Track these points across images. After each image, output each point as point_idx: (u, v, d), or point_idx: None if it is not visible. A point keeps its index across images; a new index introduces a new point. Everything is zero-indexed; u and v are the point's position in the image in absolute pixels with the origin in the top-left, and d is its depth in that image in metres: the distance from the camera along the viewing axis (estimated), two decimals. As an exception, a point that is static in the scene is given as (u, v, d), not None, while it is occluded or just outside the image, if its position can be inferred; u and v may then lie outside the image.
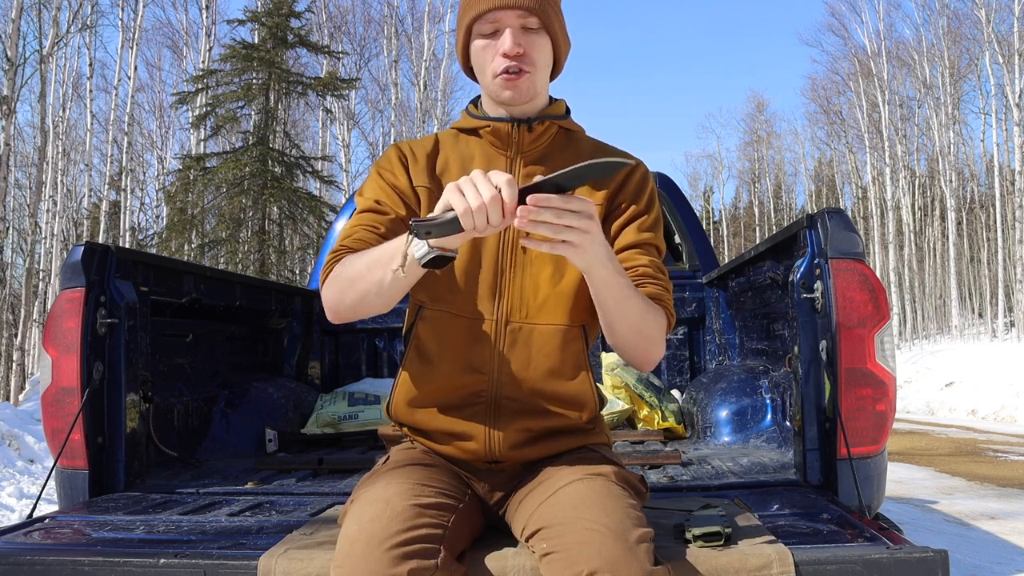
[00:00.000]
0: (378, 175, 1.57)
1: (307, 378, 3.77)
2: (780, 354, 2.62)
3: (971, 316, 26.16)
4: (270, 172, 13.55)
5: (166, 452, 2.51)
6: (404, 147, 1.61)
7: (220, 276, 3.05)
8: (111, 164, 18.21)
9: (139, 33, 18.30)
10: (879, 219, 27.56)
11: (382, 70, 24.84)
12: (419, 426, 1.55)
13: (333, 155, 22.28)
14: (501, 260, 1.50)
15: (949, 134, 24.45)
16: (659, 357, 1.50)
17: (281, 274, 14.81)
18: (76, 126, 21.29)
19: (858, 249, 2.00)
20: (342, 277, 1.44)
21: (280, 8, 14.01)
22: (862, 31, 27.52)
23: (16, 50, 11.93)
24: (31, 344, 17.37)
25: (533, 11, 1.46)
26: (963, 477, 6.44)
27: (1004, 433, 10.06)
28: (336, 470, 2.49)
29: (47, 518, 1.87)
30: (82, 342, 2.07)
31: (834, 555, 1.41)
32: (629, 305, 1.38)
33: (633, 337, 1.43)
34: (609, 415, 3.16)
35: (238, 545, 1.57)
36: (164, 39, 24.84)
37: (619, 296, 1.36)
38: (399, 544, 1.23)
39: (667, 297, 1.51)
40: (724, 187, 57.68)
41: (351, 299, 1.43)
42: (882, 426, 1.96)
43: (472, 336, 1.49)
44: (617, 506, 1.32)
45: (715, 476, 2.17)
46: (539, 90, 1.53)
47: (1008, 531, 4.45)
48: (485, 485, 1.54)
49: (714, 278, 3.51)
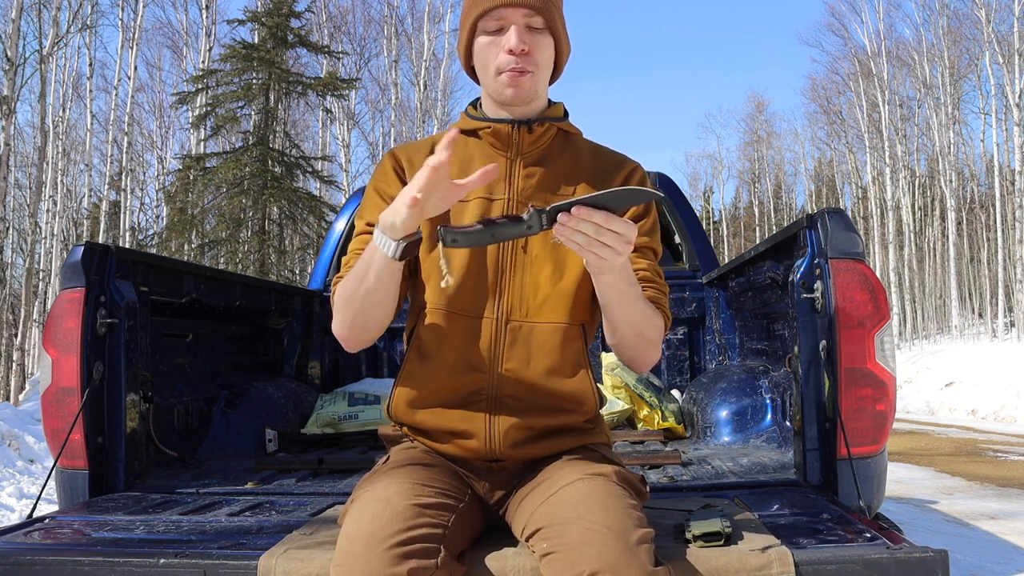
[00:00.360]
0: (374, 191, 1.59)
1: (307, 378, 3.77)
2: (780, 354, 2.62)
3: (971, 316, 26.17)
4: (270, 172, 13.55)
5: (166, 452, 2.51)
6: (399, 154, 1.61)
7: (220, 276, 3.05)
8: (111, 164, 18.21)
9: (139, 33, 18.31)
10: (879, 219, 27.56)
11: (382, 70, 24.86)
12: (419, 425, 1.55)
13: (333, 155, 22.29)
14: (501, 259, 1.51)
15: (949, 134, 24.46)
16: (655, 359, 1.54)
17: (281, 274, 14.82)
18: (76, 126, 21.31)
19: (858, 249, 2.00)
20: (340, 303, 1.49)
21: (280, 8, 14.01)
22: (862, 31, 27.55)
23: (16, 50, 11.94)
24: (31, 344, 17.37)
25: (539, 10, 1.48)
26: (963, 477, 6.44)
27: (1004, 433, 10.06)
28: (336, 470, 2.49)
29: (47, 518, 1.87)
30: (82, 342, 2.07)
31: (834, 555, 1.41)
32: (634, 310, 1.42)
33: (633, 339, 1.47)
34: (609, 415, 3.16)
35: (238, 545, 1.57)
36: (164, 39, 24.87)
37: (625, 302, 1.40)
38: (399, 544, 1.23)
39: (664, 300, 1.55)
40: (724, 187, 57.74)
41: (360, 323, 1.47)
42: (882, 426, 1.96)
43: (472, 335, 1.50)
44: (618, 506, 1.32)
45: (715, 476, 2.17)
46: (540, 91, 1.54)
47: (1008, 531, 4.45)
48: (485, 484, 1.54)
49: (714, 278, 3.50)
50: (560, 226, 1.23)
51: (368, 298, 1.42)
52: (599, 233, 1.23)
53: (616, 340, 1.48)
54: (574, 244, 1.25)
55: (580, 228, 1.22)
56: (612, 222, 1.23)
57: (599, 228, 1.22)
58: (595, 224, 1.22)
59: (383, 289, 1.41)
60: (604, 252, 1.25)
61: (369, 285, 1.40)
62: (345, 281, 1.47)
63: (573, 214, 1.22)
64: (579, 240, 1.24)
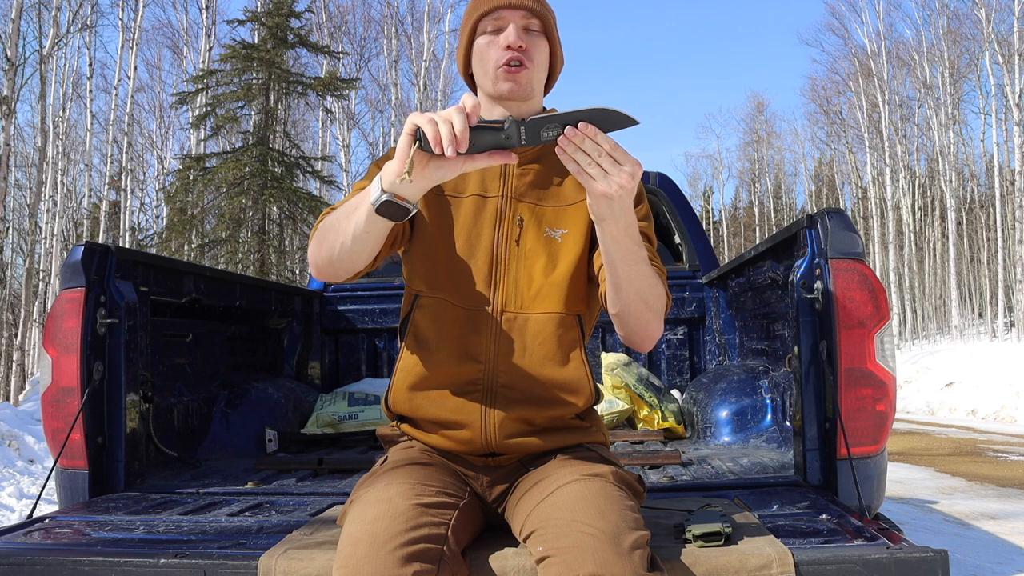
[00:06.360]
0: (376, 167, 1.59)
1: (307, 378, 3.77)
2: (780, 354, 2.62)
3: (971, 316, 26.16)
4: (270, 172, 13.54)
5: (166, 452, 2.51)
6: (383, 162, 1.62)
7: (220, 276, 3.05)
8: (111, 164, 18.18)
9: (139, 33, 18.30)
10: (879, 219, 27.55)
11: (382, 70, 24.85)
12: (417, 414, 1.56)
13: (333, 155, 22.28)
14: (496, 251, 1.53)
15: (949, 134, 24.45)
16: (658, 335, 1.51)
17: (281, 274, 14.80)
18: (76, 126, 21.30)
19: (858, 249, 2.00)
20: (321, 229, 1.48)
21: (280, 8, 14.00)
22: (862, 31, 27.53)
23: (16, 50, 11.93)
24: (31, 344, 17.37)
25: (536, 13, 1.53)
26: (963, 477, 6.44)
27: (1004, 433, 10.06)
28: (336, 470, 2.50)
29: (47, 518, 1.87)
30: (82, 342, 2.07)
31: (834, 555, 1.41)
32: (639, 271, 1.38)
33: (638, 306, 1.43)
34: (609, 415, 3.16)
35: (238, 545, 1.57)
36: (164, 39, 24.89)
37: (630, 260, 1.36)
38: (403, 544, 1.24)
39: (664, 279, 1.52)
40: (724, 187, 57.63)
41: (327, 249, 1.45)
42: (882, 426, 1.96)
43: (469, 325, 1.52)
44: (613, 508, 1.32)
45: (715, 476, 2.17)
46: (536, 90, 1.56)
47: (1008, 531, 4.45)
48: (483, 482, 1.55)
49: (714, 278, 3.50)
50: (565, 140, 1.22)
51: (347, 234, 1.39)
52: (600, 155, 1.22)
53: (620, 308, 1.44)
54: (573, 165, 1.24)
55: (584, 147, 1.22)
56: (616, 149, 1.22)
57: (600, 150, 1.22)
58: (598, 146, 1.21)
59: (362, 233, 1.37)
60: (600, 179, 1.23)
61: (358, 223, 1.36)
62: (334, 211, 1.47)
63: (580, 130, 1.21)
64: (580, 159, 1.23)
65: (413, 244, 1.57)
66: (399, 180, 1.25)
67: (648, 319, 1.45)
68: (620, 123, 1.24)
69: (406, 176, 1.24)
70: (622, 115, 1.23)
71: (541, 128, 1.23)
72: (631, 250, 1.35)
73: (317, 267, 1.50)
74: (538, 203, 1.55)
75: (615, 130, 1.24)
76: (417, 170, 1.25)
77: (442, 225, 1.55)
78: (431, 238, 1.55)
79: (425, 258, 1.56)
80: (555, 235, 1.54)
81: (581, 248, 1.54)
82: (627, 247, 1.34)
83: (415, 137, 1.23)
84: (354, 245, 1.39)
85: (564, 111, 1.24)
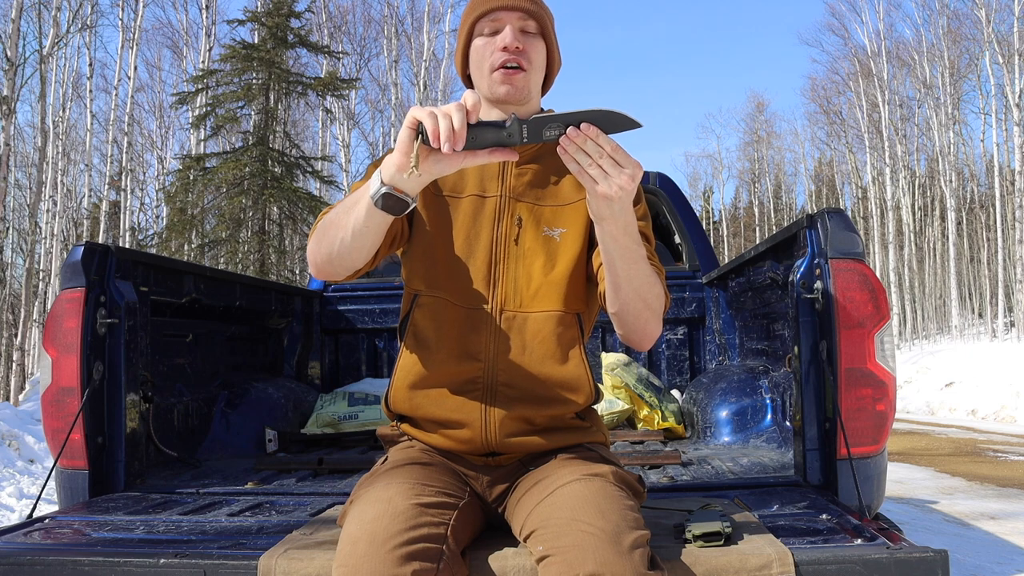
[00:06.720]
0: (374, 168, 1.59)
1: (307, 378, 3.77)
2: (780, 354, 2.62)
3: (971, 316, 26.16)
4: (270, 172, 13.54)
5: (166, 452, 2.51)
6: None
7: (220, 276, 3.05)
8: (111, 164, 18.18)
9: (139, 33, 18.30)
10: (879, 219, 27.55)
11: (382, 70, 24.86)
12: (417, 413, 1.56)
13: (333, 155, 22.28)
14: (495, 251, 1.54)
15: (949, 134, 24.45)
16: (657, 333, 1.51)
17: (281, 274, 14.80)
18: (76, 126, 21.30)
19: (858, 249, 2.00)
20: (321, 226, 1.47)
21: (280, 8, 14.00)
22: (862, 31, 27.53)
23: (16, 50, 11.93)
24: (31, 344, 17.37)
25: (533, 15, 1.53)
26: (963, 477, 6.44)
27: (1004, 433, 10.06)
28: (336, 470, 2.50)
29: (47, 518, 1.87)
30: (82, 342, 2.07)
31: (834, 555, 1.41)
32: (637, 269, 1.39)
33: (636, 304, 1.43)
34: (609, 415, 3.16)
35: (238, 545, 1.57)
36: (164, 39, 24.89)
37: (629, 258, 1.36)
38: (403, 544, 1.24)
39: (663, 279, 1.52)
40: (724, 187, 57.61)
41: (326, 246, 1.44)
42: (882, 426, 1.96)
43: (468, 324, 1.52)
44: (614, 508, 1.32)
45: (715, 476, 2.17)
46: (533, 92, 1.57)
47: (1008, 531, 4.45)
48: (483, 482, 1.55)
49: (714, 278, 3.50)
50: (566, 140, 1.22)
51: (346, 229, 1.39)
52: (601, 157, 1.22)
53: (618, 307, 1.44)
54: (574, 165, 1.24)
55: (585, 147, 1.22)
56: (617, 151, 1.23)
57: (602, 151, 1.22)
58: (600, 147, 1.22)
59: (362, 228, 1.36)
60: (601, 180, 1.23)
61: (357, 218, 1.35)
62: (333, 209, 1.47)
63: (582, 131, 1.21)
64: (581, 160, 1.23)
65: (412, 244, 1.58)
66: (406, 174, 1.25)
67: (647, 318, 1.46)
68: (623, 125, 1.24)
69: (413, 170, 1.24)
70: (625, 117, 1.24)
71: (544, 127, 1.24)
72: (630, 249, 1.35)
73: (316, 265, 1.50)
74: (536, 202, 1.55)
75: (617, 132, 1.24)
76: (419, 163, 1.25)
77: (441, 225, 1.55)
78: (430, 238, 1.56)
79: (424, 258, 1.56)
80: (554, 234, 1.54)
81: (580, 247, 1.54)
82: (626, 246, 1.34)
83: (417, 131, 1.24)
84: (353, 241, 1.39)
85: (567, 111, 1.24)
